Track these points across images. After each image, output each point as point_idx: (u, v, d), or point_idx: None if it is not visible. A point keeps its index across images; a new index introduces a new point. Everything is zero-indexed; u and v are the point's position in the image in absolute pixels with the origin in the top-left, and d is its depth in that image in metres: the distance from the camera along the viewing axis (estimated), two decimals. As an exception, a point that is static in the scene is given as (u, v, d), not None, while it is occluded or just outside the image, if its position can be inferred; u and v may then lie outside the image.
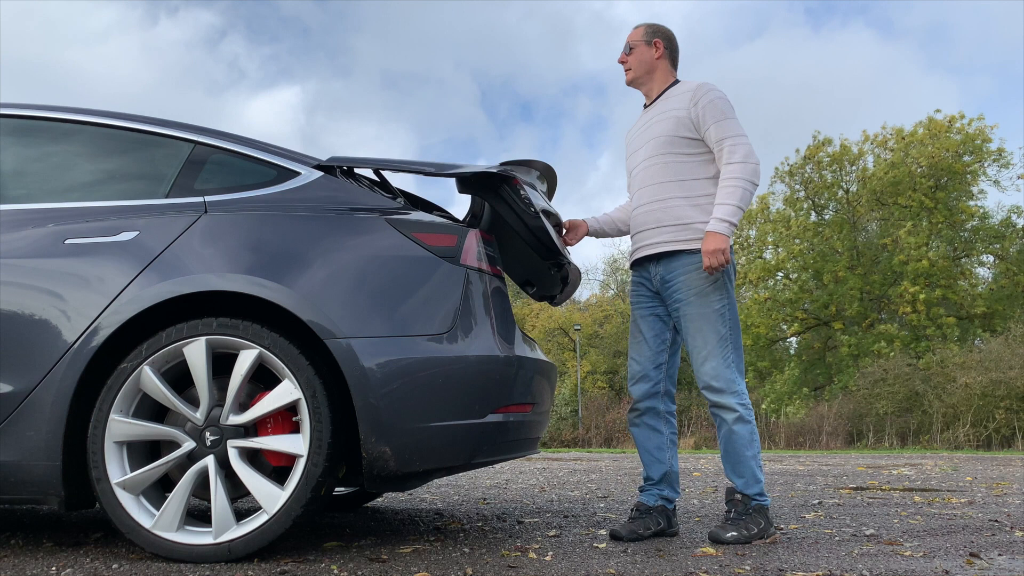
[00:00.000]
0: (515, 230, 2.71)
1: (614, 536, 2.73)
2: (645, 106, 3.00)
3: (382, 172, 2.74)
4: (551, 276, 3.07)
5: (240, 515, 2.20)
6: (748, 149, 2.69)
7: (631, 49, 2.95)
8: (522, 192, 2.58)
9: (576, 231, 3.09)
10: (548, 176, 2.97)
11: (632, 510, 2.84)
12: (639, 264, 2.91)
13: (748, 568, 2.18)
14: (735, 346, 2.76)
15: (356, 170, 2.63)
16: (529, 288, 3.22)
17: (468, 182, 2.58)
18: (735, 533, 2.62)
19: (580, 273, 3.10)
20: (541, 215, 2.63)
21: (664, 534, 2.81)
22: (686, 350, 2.84)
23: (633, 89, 3.03)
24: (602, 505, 3.93)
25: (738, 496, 2.72)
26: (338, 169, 2.56)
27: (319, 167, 2.53)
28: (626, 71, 2.99)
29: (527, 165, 2.74)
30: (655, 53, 2.92)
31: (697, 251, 2.72)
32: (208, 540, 2.14)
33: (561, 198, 54.13)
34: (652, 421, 2.87)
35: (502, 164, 2.58)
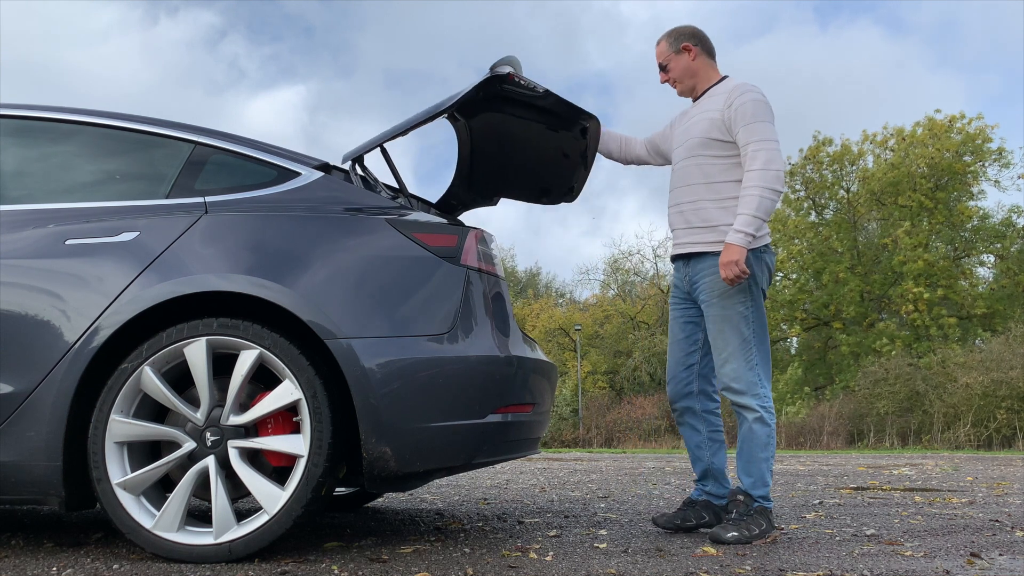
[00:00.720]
0: (533, 121, 2.79)
1: (655, 522, 2.95)
2: (693, 100, 2.99)
3: (390, 158, 2.80)
4: (568, 163, 3.07)
5: (241, 515, 2.20)
6: (771, 155, 2.66)
7: (665, 66, 2.95)
8: (522, 82, 2.63)
9: None
10: (515, 66, 2.99)
11: (682, 502, 3.00)
12: (675, 260, 2.97)
13: (748, 568, 2.18)
14: (760, 349, 2.75)
15: (366, 163, 2.64)
16: (546, 198, 3.27)
17: (472, 104, 2.64)
18: (736, 533, 2.63)
19: (600, 123, 3.03)
20: (544, 90, 2.70)
21: (712, 528, 2.81)
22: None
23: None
24: (602, 505, 3.93)
25: (741, 497, 2.75)
26: (352, 168, 2.57)
27: (320, 167, 2.54)
28: (674, 86, 2.98)
29: (503, 64, 2.76)
30: (690, 57, 2.91)
31: (718, 253, 2.73)
32: (209, 540, 2.14)
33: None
34: (691, 420, 2.94)
35: (489, 71, 2.62)
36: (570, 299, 37.53)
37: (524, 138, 2.97)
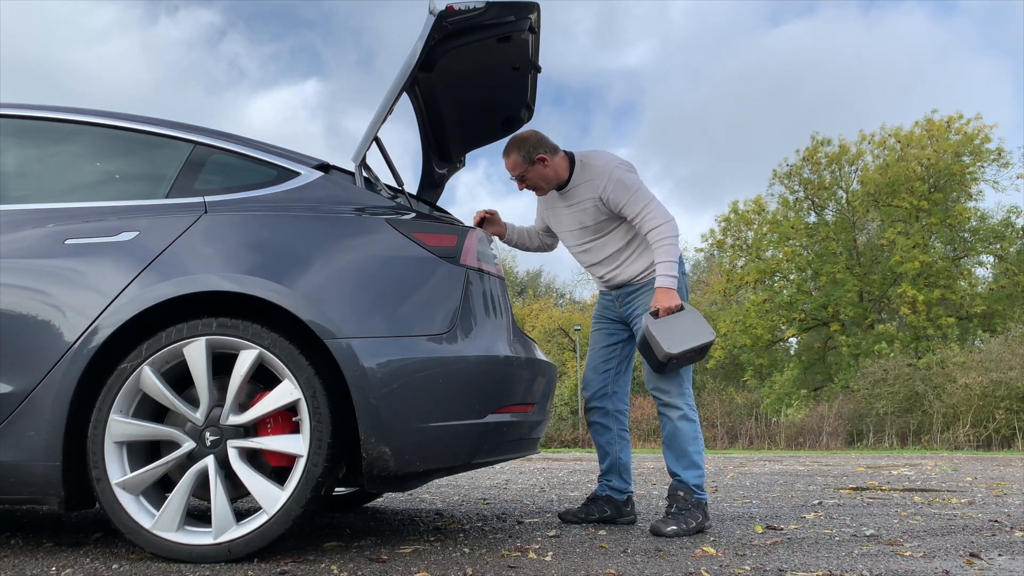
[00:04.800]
0: (482, 40, 2.81)
1: (562, 517, 3.22)
2: (558, 191, 3.15)
3: (389, 156, 2.87)
4: (520, 75, 3.07)
5: (240, 515, 2.20)
6: (661, 211, 2.94)
7: (523, 177, 3.08)
8: (462, 8, 2.63)
9: (494, 225, 3.31)
10: None
11: (586, 498, 3.25)
12: (603, 292, 3.30)
13: (748, 568, 2.18)
14: None
15: (367, 163, 2.64)
16: (508, 127, 3.33)
17: (434, 50, 2.68)
18: (675, 527, 2.82)
19: (540, 8, 3.00)
20: (485, 4, 2.69)
21: (614, 521, 3.16)
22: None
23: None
24: (602, 505, 3.92)
25: (680, 493, 2.94)
26: (359, 169, 2.56)
27: (319, 167, 2.54)
28: (537, 192, 3.16)
29: (433, 2, 2.75)
30: (545, 166, 3.05)
31: (651, 280, 3.04)
32: (208, 540, 2.14)
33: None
34: (603, 419, 3.22)
35: (430, 14, 2.61)
36: (570, 299, 37.56)
37: (477, 68, 2.97)
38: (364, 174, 2.57)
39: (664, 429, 3.02)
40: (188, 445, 2.20)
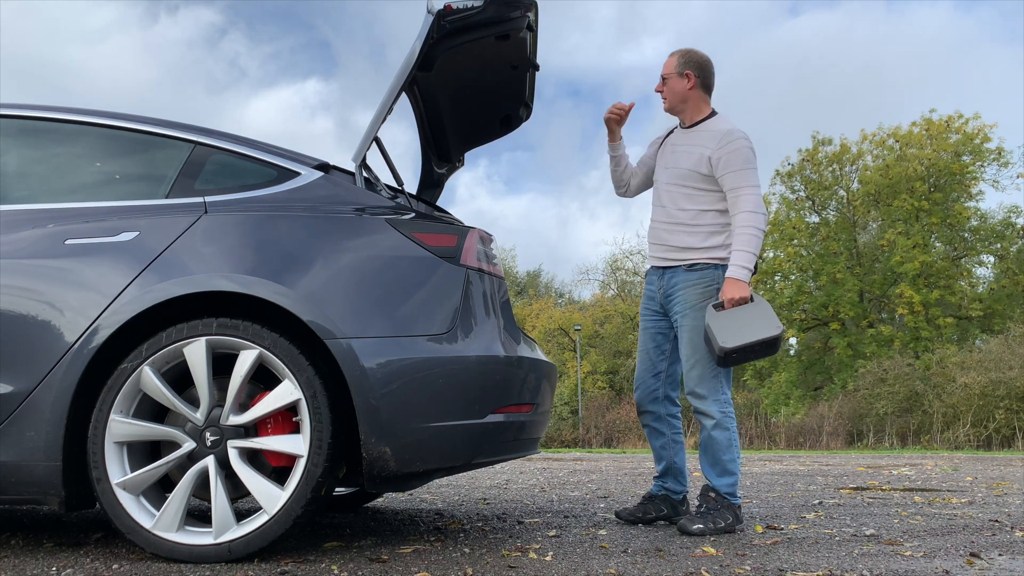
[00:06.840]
0: (481, 39, 2.81)
1: (617, 515, 3.21)
2: (682, 126, 3.17)
3: (389, 156, 2.87)
4: (519, 73, 3.08)
5: (240, 515, 2.20)
6: (757, 200, 2.91)
7: (664, 79, 3.12)
8: (460, 6, 2.65)
9: (618, 128, 3.29)
10: None
11: (642, 497, 3.22)
12: (651, 272, 3.19)
13: (748, 568, 2.18)
14: None
15: (369, 164, 2.64)
16: (507, 126, 3.35)
17: (432, 49, 2.69)
18: (701, 525, 2.82)
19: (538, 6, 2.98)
20: (483, 3, 2.69)
21: (671, 520, 3.15)
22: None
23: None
24: (602, 505, 3.93)
25: (712, 495, 2.92)
26: (359, 169, 2.56)
27: (319, 167, 2.54)
28: (663, 99, 3.16)
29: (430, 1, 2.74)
30: (687, 84, 3.08)
31: (696, 268, 2.98)
32: (208, 540, 2.14)
33: (595, 178, 53.47)
34: (656, 424, 3.17)
35: (428, 13, 2.61)
36: (569, 299, 37.59)
37: (476, 67, 2.97)
38: (364, 174, 2.57)
39: (701, 434, 2.99)
40: (188, 445, 2.20)
